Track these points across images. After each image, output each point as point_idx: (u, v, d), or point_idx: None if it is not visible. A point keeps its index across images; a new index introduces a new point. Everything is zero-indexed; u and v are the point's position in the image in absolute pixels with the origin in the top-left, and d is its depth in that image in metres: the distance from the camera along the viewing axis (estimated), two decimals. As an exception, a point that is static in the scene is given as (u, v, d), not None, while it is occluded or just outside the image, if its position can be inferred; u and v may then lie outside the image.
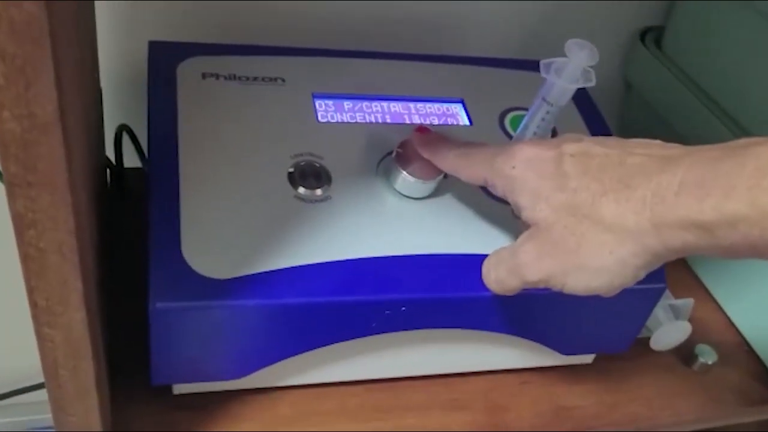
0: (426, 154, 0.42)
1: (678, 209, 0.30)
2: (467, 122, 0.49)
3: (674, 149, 0.34)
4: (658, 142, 0.36)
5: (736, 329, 0.58)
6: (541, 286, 0.36)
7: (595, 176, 0.34)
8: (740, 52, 0.58)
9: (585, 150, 0.35)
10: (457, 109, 0.50)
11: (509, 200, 0.38)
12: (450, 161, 0.41)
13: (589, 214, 0.33)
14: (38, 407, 0.73)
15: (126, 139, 0.55)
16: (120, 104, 0.59)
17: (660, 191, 0.31)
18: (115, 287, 0.47)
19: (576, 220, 0.34)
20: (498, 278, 0.39)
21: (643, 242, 0.32)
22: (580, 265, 0.34)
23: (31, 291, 0.28)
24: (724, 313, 0.59)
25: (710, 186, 0.29)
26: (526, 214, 0.37)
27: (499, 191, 0.38)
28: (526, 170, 0.36)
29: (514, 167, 0.37)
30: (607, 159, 0.34)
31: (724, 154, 0.30)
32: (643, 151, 0.34)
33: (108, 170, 0.55)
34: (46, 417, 0.73)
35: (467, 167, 0.40)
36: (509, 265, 0.38)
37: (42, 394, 0.60)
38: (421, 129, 0.43)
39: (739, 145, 0.30)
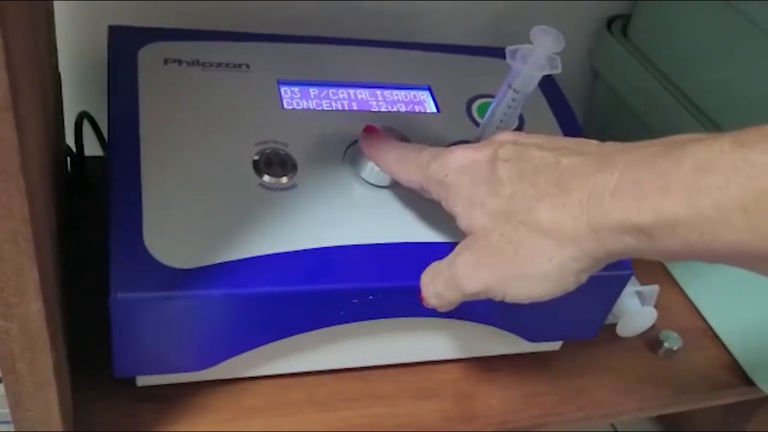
0: (368, 154, 0.41)
1: (615, 212, 0.29)
2: (434, 109, 0.49)
3: (610, 147, 0.32)
4: (594, 142, 0.34)
5: (701, 315, 0.59)
6: (482, 297, 0.35)
7: (530, 180, 0.33)
8: (705, 40, 0.59)
9: (519, 154, 0.34)
10: (425, 96, 0.49)
11: (444, 208, 0.37)
12: (388, 164, 0.40)
13: (526, 221, 0.32)
14: None
15: (87, 127, 0.53)
16: (81, 91, 0.58)
17: (596, 193, 0.30)
18: (77, 278, 0.46)
19: (512, 227, 0.33)
20: (436, 292, 0.37)
21: (582, 246, 0.31)
22: (520, 273, 0.33)
23: (-16, 282, 0.27)
24: (689, 300, 0.60)
25: (647, 186, 0.28)
26: (462, 222, 0.35)
27: (434, 197, 0.37)
28: (459, 177, 0.35)
29: (446, 175, 0.36)
30: (542, 162, 0.33)
31: (662, 150, 0.28)
32: (578, 149, 0.33)
33: (69, 159, 0.54)
34: (3, 411, 0.72)
35: (403, 172, 0.39)
36: (446, 277, 0.36)
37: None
38: (368, 128, 0.42)
39: (677, 141, 0.29)
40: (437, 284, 0.37)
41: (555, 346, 0.52)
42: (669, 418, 0.95)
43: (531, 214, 0.32)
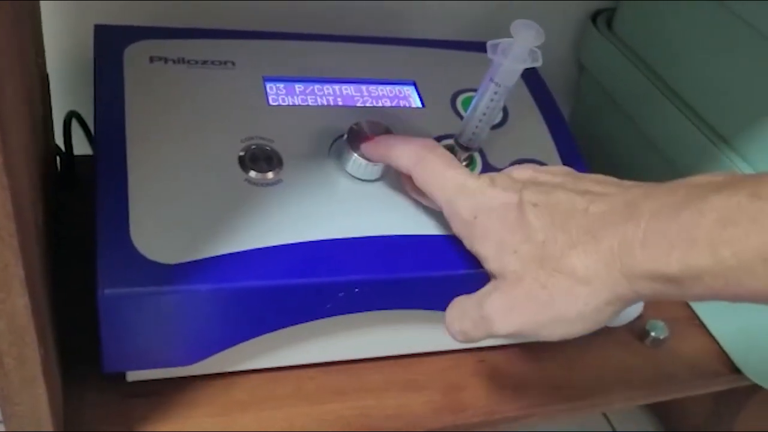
0: (383, 152, 0.41)
1: (646, 262, 0.31)
2: (419, 104, 0.49)
3: (634, 190, 0.34)
4: (613, 180, 0.36)
5: (687, 304, 0.60)
6: (511, 338, 0.37)
7: (561, 227, 0.34)
8: (689, 33, 0.59)
9: (547, 198, 0.35)
10: (409, 92, 0.50)
11: (467, 246, 0.38)
12: (404, 161, 0.40)
13: (559, 267, 0.34)
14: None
15: (77, 127, 0.54)
16: (70, 91, 0.58)
17: (626, 242, 0.32)
18: (68, 275, 0.46)
19: (546, 273, 0.34)
20: (463, 330, 0.38)
21: (616, 291, 0.32)
22: (556, 317, 0.34)
23: (-30, 278, 0.28)
24: (676, 290, 0.61)
25: (673, 238, 0.30)
26: (492, 266, 0.36)
27: (454, 230, 0.39)
28: (487, 220, 0.36)
29: (476, 217, 0.37)
30: (571, 207, 0.34)
31: (685, 201, 0.30)
32: (603, 192, 0.34)
33: (58, 158, 0.55)
34: None
35: (431, 190, 0.39)
36: (474, 318, 0.37)
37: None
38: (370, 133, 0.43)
39: (698, 186, 0.31)
40: (464, 323, 0.38)
41: (542, 337, 0.53)
42: (662, 411, 0.95)
43: (564, 261, 0.33)
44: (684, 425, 0.91)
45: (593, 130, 0.70)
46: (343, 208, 0.42)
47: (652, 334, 0.55)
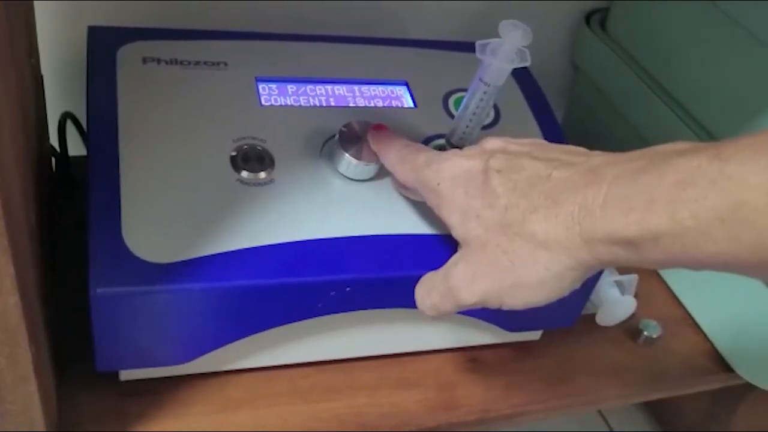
0: (375, 149, 0.42)
1: (605, 224, 0.30)
2: (411, 104, 0.49)
3: (598, 158, 0.34)
4: (581, 150, 0.35)
5: (680, 304, 0.60)
6: (478, 306, 0.36)
7: (523, 192, 0.34)
8: (682, 34, 0.59)
9: (511, 164, 0.35)
10: (402, 92, 0.50)
11: (437, 214, 0.38)
12: (390, 162, 0.41)
13: (521, 232, 0.33)
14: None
15: (72, 128, 0.54)
16: (64, 93, 0.58)
17: (586, 206, 0.31)
18: (63, 276, 0.47)
19: (508, 238, 0.34)
20: (432, 304, 0.38)
21: (576, 256, 0.32)
22: (517, 283, 0.34)
23: (-40, 277, 0.28)
24: (668, 288, 0.61)
25: (633, 200, 0.29)
26: (457, 232, 0.36)
27: (428, 203, 0.39)
28: (453, 187, 0.36)
29: (439, 183, 0.37)
30: (534, 173, 0.34)
31: (647, 164, 0.30)
32: (567, 160, 0.34)
33: (54, 159, 0.55)
34: None
35: (400, 172, 0.40)
36: (442, 290, 0.37)
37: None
38: (378, 126, 0.43)
39: (661, 154, 0.30)
40: (433, 297, 0.38)
41: (535, 335, 0.53)
42: (658, 410, 0.95)
43: (525, 226, 0.33)
44: (680, 425, 0.91)
45: (587, 129, 0.70)
46: (334, 207, 0.42)
47: (645, 333, 0.56)
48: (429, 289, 0.38)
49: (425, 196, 0.39)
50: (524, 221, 0.33)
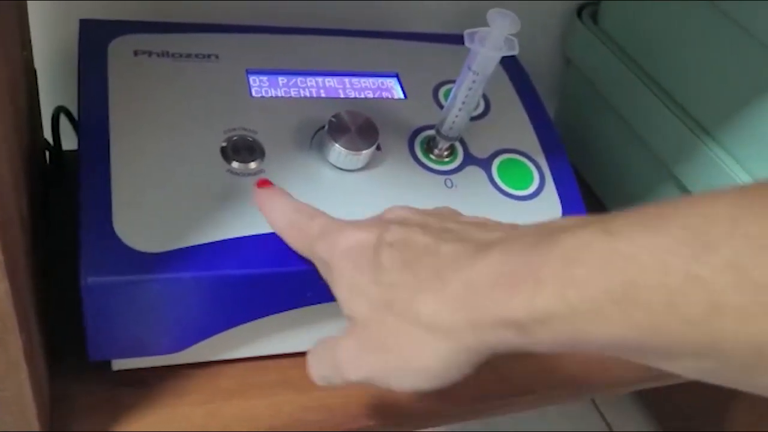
0: (261, 210, 0.40)
1: (490, 307, 0.28)
2: (402, 95, 0.50)
3: (494, 233, 0.32)
4: (483, 221, 0.34)
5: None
6: (366, 384, 0.34)
7: (411, 269, 0.31)
8: (672, 27, 0.60)
9: (404, 238, 0.33)
10: (392, 83, 0.50)
11: (331, 289, 0.36)
12: (279, 227, 0.39)
13: (405, 312, 0.31)
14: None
15: (66, 122, 0.54)
16: (58, 86, 0.58)
17: (472, 286, 0.29)
18: (56, 267, 0.47)
19: (392, 318, 0.31)
20: (321, 375, 0.36)
21: (460, 340, 0.29)
22: (402, 366, 0.31)
23: (-50, 263, 0.28)
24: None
25: (519, 279, 0.27)
26: (344, 309, 0.34)
27: (321, 275, 0.37)
28: (342, 260, 0.34)
29: (332, 257, 0.35)
30: (425, 248, 0.32)
31: (536, 241, 0.28)
32: (461, 234, 0.32)
33: (47, 153, 0.55)
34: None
35: (291, 240, 0.38)
36: (330, 363, 0.35)
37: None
38: (261, 183, 0.41)
39: (550, 228, 0.28)
40: (322, 369, 0.36)
41: (526, 325, 0.53)
42: (656, 409, 0.96)
43: (410, 306, 0.31)
44: (678, 423, 0.92)
45: (579, 122, 0.70)
46: (325, 197, 0.43)
47: (637, 322, 0.56)
48: (318, 360, 0.36)
49: (318, 268, 0.37)
50: (410, 300, 0.31)
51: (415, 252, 0.32)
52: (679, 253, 0.23)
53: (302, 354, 0.47)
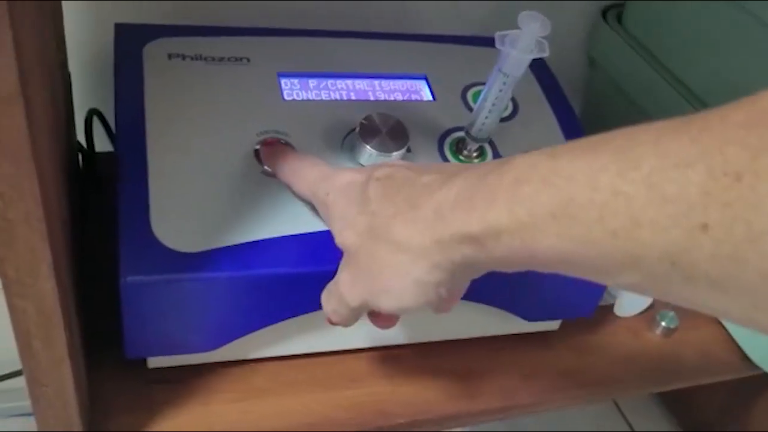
0: (268, 164, 0.43)
1: (452, 224, 0.31)
2: (431, 97, 0.50)
3: (464, 167, 0.34)
4: (460, 166, 0.36)
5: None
6: (365, 309, 0.37)
7: (390, 198, 0.34)
8: (697, 28, 0.60)
9: (391, 173, 0.36)
10: (421, 86, 0.51)
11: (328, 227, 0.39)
12: (284, 175, 0.42)
13: (384, 237, 0.34)
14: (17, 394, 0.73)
15: (98, 124, 0.55)
16: (90, 89, 0.59)
17: (439, 208, 0.32)
18: (90, 268, 0.48)
19: (374, 244, 0.34)
20: (333, 309, 0.38)
21: (431, 259, 0.32)
22: (385, 287, 0.34)
23: (1, 262, 0.29)
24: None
25: (477, 199, 0.30)
26: (336, 240, 0.37)
27: (321, 216, 0.40)
28: (337, 197, 0.37)
29: (328, 194, 0.38)
30: (405, 180, 0.35)
31: (494, 166, 0.31)
32: (438, 169, 0.35)
33: (80, 155, 0.56)
34: (22, 405, 0.73)
35: (295, 184, 0.41)
36: (336, 295, 0.38)
37: (17, 382, 0.60)
38: (268, 142, 0.44)
39: (510, 157, 0.31)
40: (331, 302, 0.38)
41: (554, 325, 0.53)
42: (676, 407, 0.96)
43: (388, 231, 0.34)
44: (698, 421, 0.91)
45: (603, 123, 0.70)
46: (356, 198, 0.43)
47: (663, 323, 0.56)
48: (327, 295, 0.39)
49: (318, 209, 0.40)
50: (387, 226, 0.34)
51: (397, 184, 0.35)
52: (608, 171, 0.25)
53: (333, 353, 0.48)
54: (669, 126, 0.25)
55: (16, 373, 0.67)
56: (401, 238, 0.33)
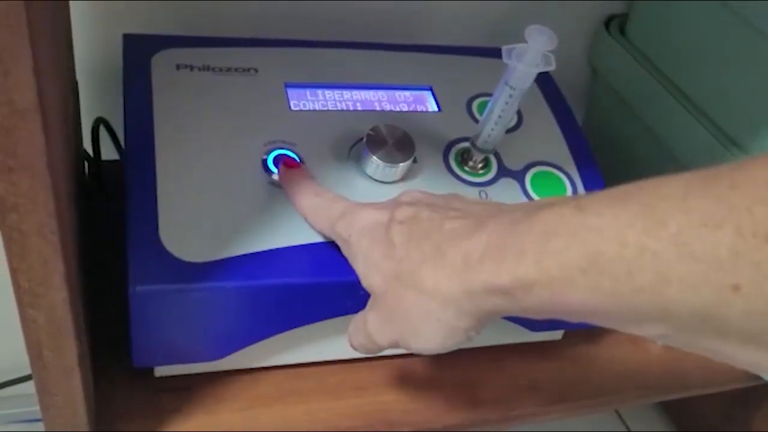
0: (286, 188, 0.43)
1: (481, 275, 0.31)
2: (436, 108, 0.51)
3: (489, 209, 0.35)
4: (487, 203, 0.37)
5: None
6: (394, 347, 0.38)
7: (417, 243, 0.35)
8: (701, 39, 0.60)
9: (413, 215, 0.36)
10: (426, 96, 0.51)
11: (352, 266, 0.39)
12: (302, 208, 0.42)
13: (412, 283, 0.34)
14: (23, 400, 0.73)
15: (104, 133, 0.56)
16: (97, 98, 0.60)
17: (468, 257, 0.32)
18: (96, 276, 0.48)
19: (402, 289, 0.35)
20: (360, 344, 0.40)
21: (460, 307, 0.33)
22: (415, 331, 0.35)
23: (14, 273, 0.29)
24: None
25: (506, 250, 0.31)
26: (363, 282, 0.38)
27: (343, 254, 0.40)
28: (359, 237, 0.38)
29: (350, 235, 0.38)
30: (430, 224, 0.35)
31: (522, 217, 0.31)
32: (464, 211, 0.35)
33: (86, 163, 0.56)
34: (31, 410, 0.74)
35: (315, 222, 0.41)
36: (363, 333, 0.39)
37: (24, 388, 0.60)
38: (288, 162, 0.43)
39: (535, 207, 0.32)
40: (359, 337, 0.39)
41: (557, 335, 0.54)
42: (675, 412, 0.96)
43: (416, 277, 0.34)
44: (698, 427, 0.92)
45: (606, 133, 0.71)
46: (362, 208, 0.43)
47: (666, 333, 0.56)
48: (355, 330, 0.40)
49: (340, 246, 0.40)
50: (415, 272, 0.34)
51: (421, 228, 0.35)
52: (635, 227, 0.26)
53: (339, 362, 0.49)
54: (695, 181, 0.26)
55: (21, 380, 0.68)
56: (429, 285, 0.33)
